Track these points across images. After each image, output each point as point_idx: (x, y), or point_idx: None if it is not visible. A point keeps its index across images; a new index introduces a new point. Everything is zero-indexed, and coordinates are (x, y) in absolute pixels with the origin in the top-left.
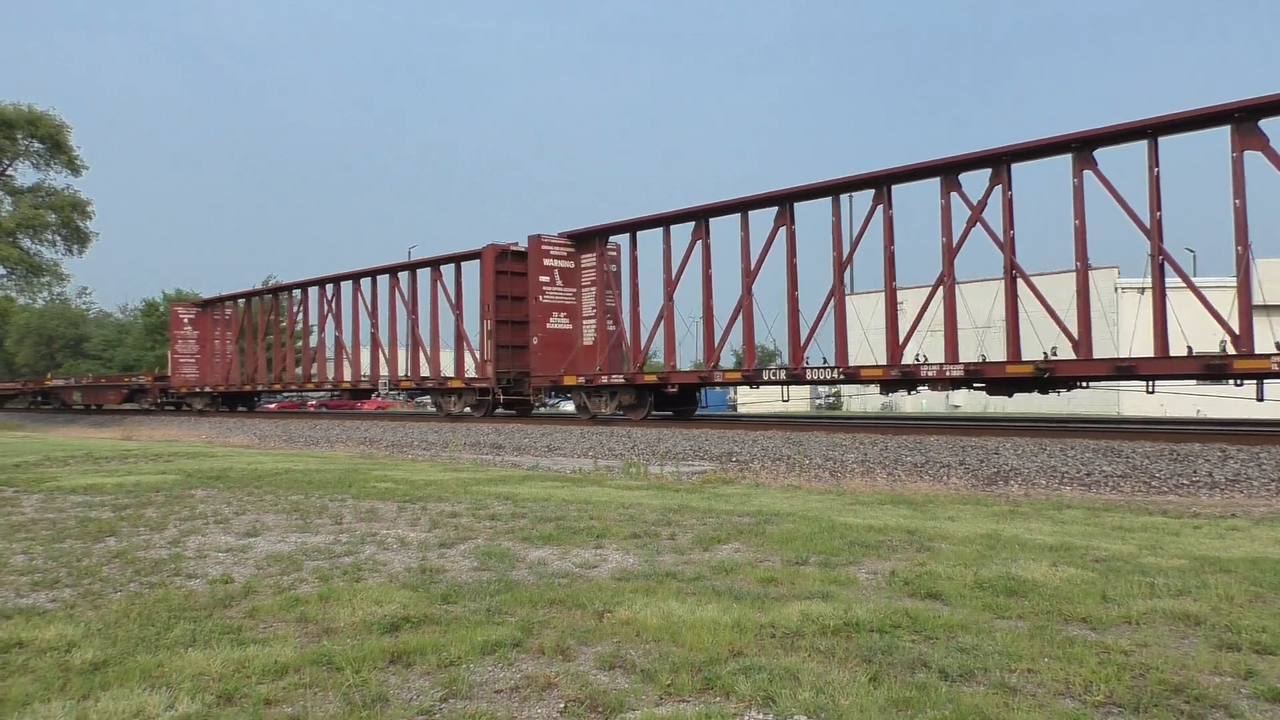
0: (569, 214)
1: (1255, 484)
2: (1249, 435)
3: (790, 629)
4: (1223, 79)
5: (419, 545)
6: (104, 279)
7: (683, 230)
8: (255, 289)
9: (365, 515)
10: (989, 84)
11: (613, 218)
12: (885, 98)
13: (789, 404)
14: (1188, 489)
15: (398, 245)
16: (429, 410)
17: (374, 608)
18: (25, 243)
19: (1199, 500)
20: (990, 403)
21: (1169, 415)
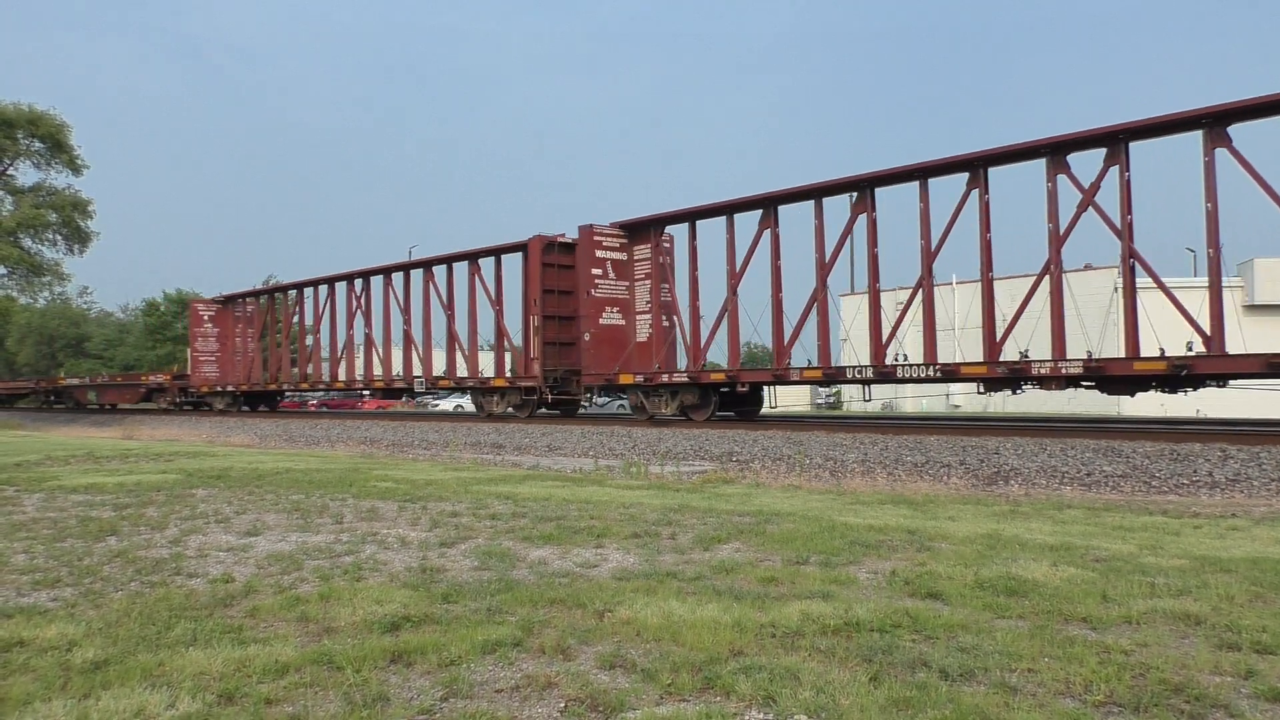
0: (569, 214)
1: (1256, 484)
2: (1249, 435)
3: (791, 629)
4: (1223, 79)
5: (419, 545)
6: (104, 278)
7: (747, 219)
8: (279, 284)
9: (366, 515)
10: (989, 84)
11: (613, 217)
12: (885, 98)
13: (793, 405)
14: (1188, 489)
15: (398, 245)
16: (430, 410)
17: (375, 607)
18: (26, 242)
19: (1199, 500)
20: (990, 403)
21: (1169, 415)
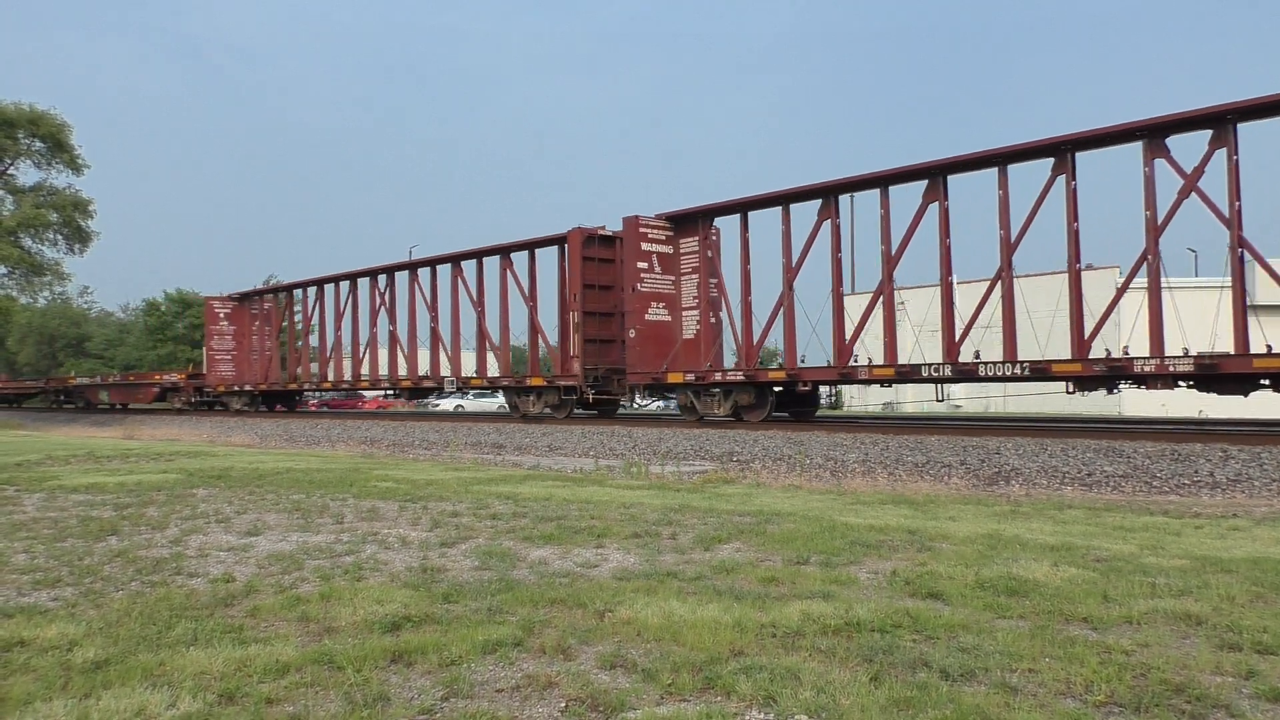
0: (569, 214)
1: (1257, 484)
2: (1250, 435)
3: (791, 629)
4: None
5: (420, 544)
6: (105, 278)
7: (804, 210)
8: (298, 281)
9: (366, 514)
10: (989, 84)
11: (612, 217)
12: (885, 98)
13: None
14: (1189, 489)
15: (398, 245)
16: (430, 410)
17: (375, 607)
18: (26, 242)
19: (1200, 500)
20: (990, 403)
21: (1170, 415)
